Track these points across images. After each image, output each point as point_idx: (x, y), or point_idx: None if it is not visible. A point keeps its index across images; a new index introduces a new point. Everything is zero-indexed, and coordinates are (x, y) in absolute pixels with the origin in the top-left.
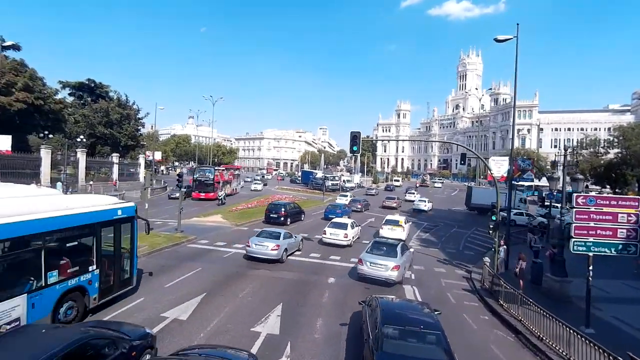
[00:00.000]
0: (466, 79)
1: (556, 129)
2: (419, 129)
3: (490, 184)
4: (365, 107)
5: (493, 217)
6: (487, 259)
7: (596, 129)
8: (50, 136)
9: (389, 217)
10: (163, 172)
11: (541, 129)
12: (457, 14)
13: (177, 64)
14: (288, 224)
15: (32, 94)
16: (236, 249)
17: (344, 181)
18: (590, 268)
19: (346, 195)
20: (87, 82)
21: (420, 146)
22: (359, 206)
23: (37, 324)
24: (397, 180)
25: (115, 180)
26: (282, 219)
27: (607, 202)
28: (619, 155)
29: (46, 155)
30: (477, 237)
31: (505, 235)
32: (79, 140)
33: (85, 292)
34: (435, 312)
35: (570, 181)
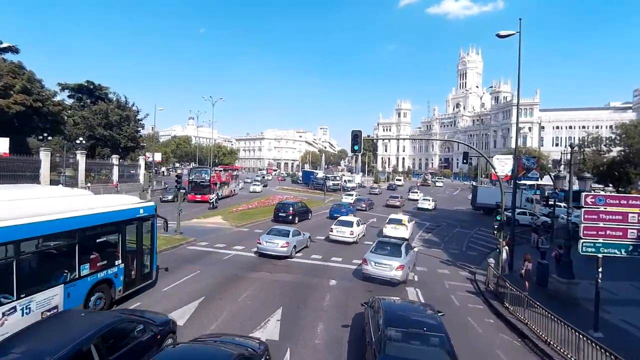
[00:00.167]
0: (466, 77)
1: (557, 127)
2: (420, 128)
3: (492, 182)
4: (365, 106)
5: (497, 217)
6: (492, 260)
7: (598, 126)
8: (50, 138)
9: (393, 216)
10: (164, 174)
11: (542, 127)
12: (456, 13)
13: (176, 65)
14: (296, 222)
15: (30, 96)
16: (236, 251)
17: (345, 181)
18: (600, 270)
19: (352, 195)
20: (86, 84)
21: (421, 145)
22: (364, 205)
23: (77, 309)
24: (399, 180)
25: (117, 182)
26: (291, 217)
27: (617, 201)
28: (622, 153)
29: (45, 157)
30: (481, 237)
31: (508, 236)
32: (78, 142)
33: (112, 284)
34: (439, 314)
35: (577, 180)
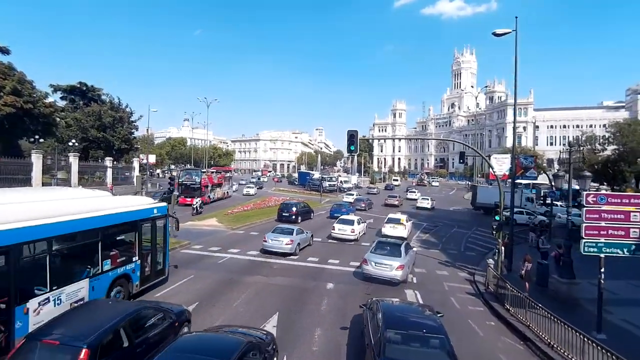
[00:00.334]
0: (461, 77)
1: (551, 126)
2: (415, 128)
3: (488, 182)
4: (361, 107)
5: (496, 217)
6: (491, 261)
7: (591, 125)
8: (42, 141)
9: (391, 215)
10: (159, 175)
11: (537, 127)
12: (451, 13)
13: (171, 66)
14: (299, 222)
15: (20, 97)
16: (231, 254)
17: (341, 182)
18: (602, 270)
19: (352, 194)
20: (78, 86)
21: (417, 145)
22: (363, 205)
23: (104, 299)
24: (396, 180)
25: (111, 184)
26: (294, 217)
27: (619, 200)
28: (616, 151)
29: (37, 160)
30: (479, 238)
31: (506, 236)
32: (71, 144)
33: (130, 279)
34: (438, 315)
35: (578, 179)
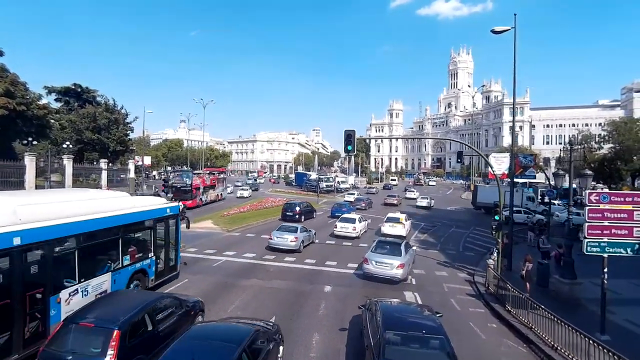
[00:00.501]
0: (457, 77)
1: (548, 126)
2: (412, 128)
3: (485, 182)
4: (358, 108)
5: (496, 217)
6: (491, 262)
7: (587, 124)
8: (35, 143)
9: (390, 214)
10: (155, 177)
11: (533, 126)
12: (447, 13)
13: (168, 68)
14: (302, 220)
15: (13, 99)
16: (227, 257)
17: (338, 182)
18: (605, 270)
19: (353, 194)
20: (73, 87)
21: (414, 145)
22: (363, 204)
23: (126, 290)
24: (394, 180)
25: (106, 187)
26: (297, 216)
27: (621, 199)
28: (613, 150)
29: (30, 162)
30: (477, 237)
31: (504, 236)
32: (65, 146)
33: (146, 273)
34: (437, 315)
35: (578, 177)
